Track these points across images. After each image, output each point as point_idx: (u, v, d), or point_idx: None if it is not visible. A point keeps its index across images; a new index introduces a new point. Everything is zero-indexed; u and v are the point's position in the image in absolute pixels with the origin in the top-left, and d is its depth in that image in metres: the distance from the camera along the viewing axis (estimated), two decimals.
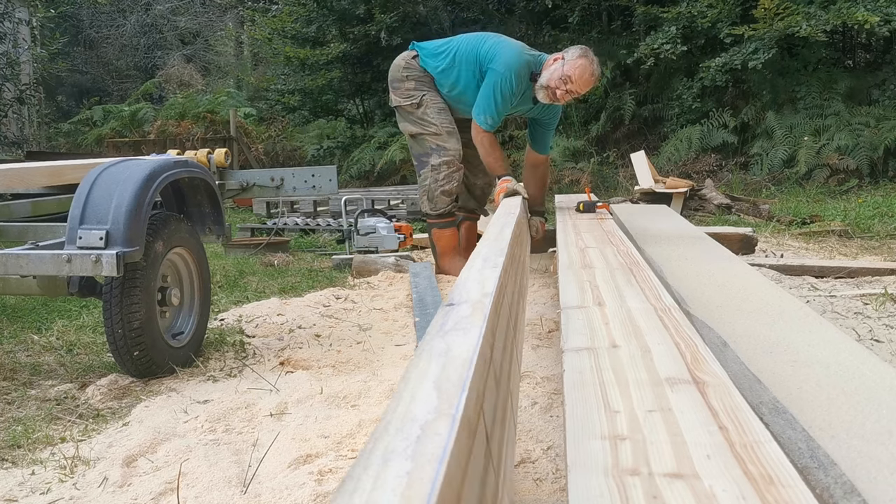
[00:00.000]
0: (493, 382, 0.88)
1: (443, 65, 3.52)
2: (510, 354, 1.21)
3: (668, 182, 6.80)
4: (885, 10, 8.26)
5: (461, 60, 3.48)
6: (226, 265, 4.74)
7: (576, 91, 3.27)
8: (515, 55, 3.35)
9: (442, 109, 3.55)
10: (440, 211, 3.56)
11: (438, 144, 3.50)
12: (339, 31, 11.77)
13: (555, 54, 3.37)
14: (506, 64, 3.32)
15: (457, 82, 3.51)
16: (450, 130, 3.51)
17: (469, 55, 3.46)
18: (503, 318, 1.17)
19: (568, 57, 3.28)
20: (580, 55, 3.25)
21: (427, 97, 3.55)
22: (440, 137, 3.49)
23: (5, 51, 12.25)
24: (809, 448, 0.93)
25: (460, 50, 3.49)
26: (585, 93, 3.45)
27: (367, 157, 11.32)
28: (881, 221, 5.89)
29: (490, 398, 0.79)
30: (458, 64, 3.48)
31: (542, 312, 3.14)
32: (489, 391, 0.80)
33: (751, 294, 1.79)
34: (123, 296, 2.28)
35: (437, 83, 3.59)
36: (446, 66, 3.51)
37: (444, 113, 3.54)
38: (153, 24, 19.83)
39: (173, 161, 2.52)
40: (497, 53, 3.38)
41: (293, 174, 3.32)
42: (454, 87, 3.54)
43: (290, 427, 1.88)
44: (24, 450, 1.84)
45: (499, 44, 3.44)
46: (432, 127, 3.51)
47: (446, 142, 3.48)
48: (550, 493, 1.51)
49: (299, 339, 2.89)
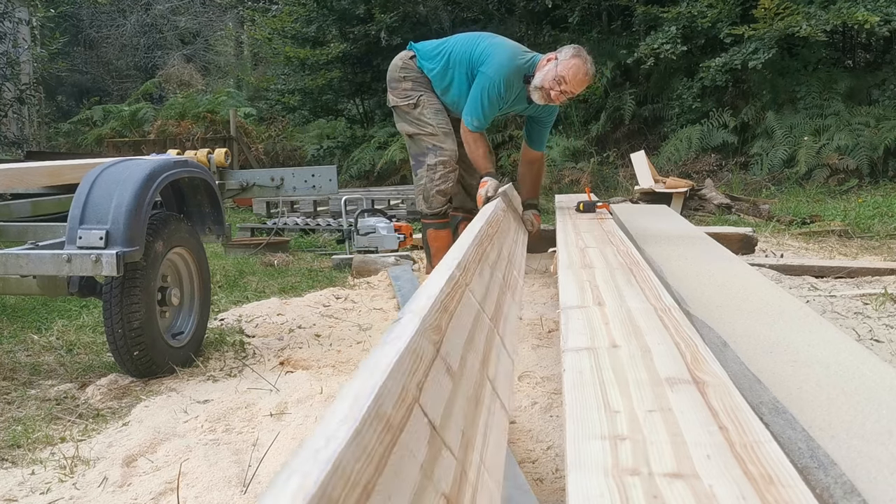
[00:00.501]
0: (444, 373, 0.92)
1: (437, 67, 3.54)
2: (484, 341, 1.24)
3: (668, 182, 6.80)
4: (885, 10, 8.26)
5: (455, 63, 3.49)
6: (226, 265, 4.74)
7: (570, 91, 3.27)
8: (507, 59, 3.35)
9: (438, 110, 3.56)
10: (435, 210, 3.58)
11: (434, 144, 3.50)
12: (339, 31, 11.77)
13: (548, 54, 3.37)
14: (496, 68, 3.33)
15: (450, 86, 3.54)
16: (446, 131, 3.52)
17: (462, 57, 3.47)
18: (463, 315, 1.20)
19: (561, 57, 3.27)
20: (573, 55, 3.25)
21: (424, 98, 3.56)
22: (436, 138, 3.50)
23: (5, 51, 12.25)
24: (809, 448, 0.93)
25: (454, 52, 3.50)
26: (580, 92, 3.45)
27: (367, 157, 11.32)
28: (881, 221, 5.89)
29: (433, 391, 0.84)
30: (451, 66, 3.50)
31: (542, 312, 3.14)
32: (431, 384, 0.84)
33: (751, 294, 1.79)
34: (123, 296, 2.28)
35: (433, 86, 3.61)
36: (441, 68, 3.53)
37: (441, 114, 3.56)
38: (153, 24, 19.83)
39: (173, 161, 2.51)
40: (489, 56, 3.38)
41: (293, 174, 3.32)
42: (448, 91, 3.56)
43: (290, 427, 1.88)
44: (24, 450, 1.84)
45: (492, 45, 3.44)
46: (428, 127, 3.52)
47: (442, 142, 3.49)
48: (550, 493, 1.51)
49: (299, 339, 2.89)
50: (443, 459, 0.78)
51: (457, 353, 1.04)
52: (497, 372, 1.26)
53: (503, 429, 1.10)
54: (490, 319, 1.43)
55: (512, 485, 1.27)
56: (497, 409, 1.11)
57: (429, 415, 0.79)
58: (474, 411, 1.00)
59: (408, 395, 0.76)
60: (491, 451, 0.96)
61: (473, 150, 3.48)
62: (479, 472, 0.88)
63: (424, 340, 0.91)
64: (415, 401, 0.77)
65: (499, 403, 1.14)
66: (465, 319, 1.20)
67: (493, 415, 1.07)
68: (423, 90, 3.58)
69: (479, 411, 1.02)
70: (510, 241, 2.64)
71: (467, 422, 0.94)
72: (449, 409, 0.88)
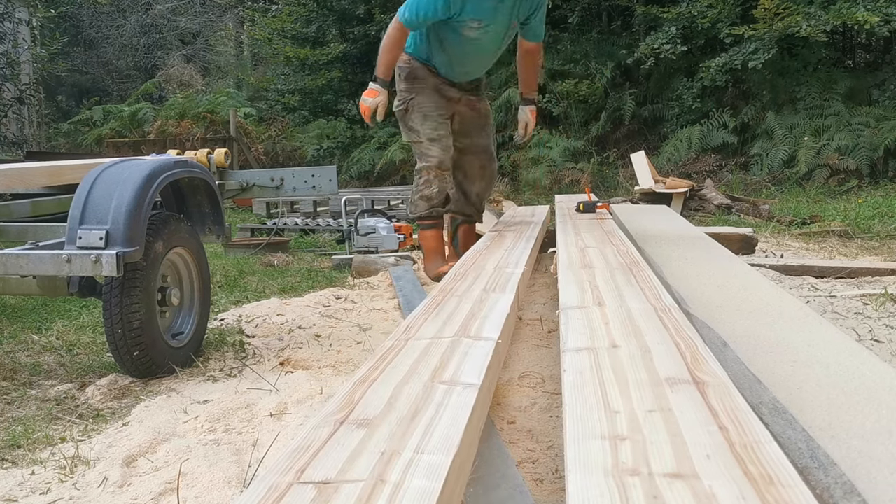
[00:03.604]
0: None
1: (418, 35, 3.40)
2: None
3: (668, 182, 6.80)
4: (885, 10, 8.26)
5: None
6: (226, 265, 4.74)
7: None
8: None
9: (427, 115, 3.43)
10: (418, 214, 3.56)
11: (422, 151, 3.47)
12: (339, 31, 11.78)
13: None
14: None
15: (429, 33, 3.35)
16: (432, 138, 3.43)
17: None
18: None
19: None
20: None
21: (415, 100, 3.45)
22: (422, 145, 3.46)
23: (5, 51, 12.25)
24: (809, 448, 0.93)
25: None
26: None
27: (367, 157, 11.32)
28: (881, 221, 5.89)
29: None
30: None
31: (542, 312, 3.14)
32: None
33: (751, 294, 1.79)
34: (123, 296, 2.28)
35: (427, 57, 3.47)
36: (420, 32, 3.37)
37: (429, 119, 3.44)
38: (153, 24, 19.82)
39: (173, 161, 2.51)
40: None
41: (293, 174, 3.32)
42: (431, 42, 3.38)
43: (290, 427, 1.88)
44: (24, 450, 1.84)
45: None
46: (414, 134, 3.48)
47: (428, 149, 3.44)
48: (551, 494, 1.51)
49: (299, 340, 2.89)
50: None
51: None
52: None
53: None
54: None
55: (509, 485, 1.27)
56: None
57: None
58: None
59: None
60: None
61: (385, 50, 3.27)
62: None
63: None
64: None
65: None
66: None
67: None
68: (416, 90, 3.45)
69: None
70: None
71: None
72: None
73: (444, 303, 1.91)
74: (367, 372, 1.34)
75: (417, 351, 1.47)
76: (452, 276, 2.33)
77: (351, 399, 1.19)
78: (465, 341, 1.53)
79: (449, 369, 1.34)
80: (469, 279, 2.24)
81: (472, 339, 1.55)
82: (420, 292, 3.41)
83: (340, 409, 1.15)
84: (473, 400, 1.17)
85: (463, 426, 1.05)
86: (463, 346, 1.49)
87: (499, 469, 1.22)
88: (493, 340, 1.52)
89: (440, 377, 1.29)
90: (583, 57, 10.68)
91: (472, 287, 2.11)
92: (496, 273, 2.33)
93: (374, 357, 1.45)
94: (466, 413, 1.11)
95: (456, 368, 1.34)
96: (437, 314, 1.79)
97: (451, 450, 0.97)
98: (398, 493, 0.85)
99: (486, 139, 3.70)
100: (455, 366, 1.36)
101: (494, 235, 3.35)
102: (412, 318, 1.77)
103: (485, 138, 3.68)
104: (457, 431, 1.03)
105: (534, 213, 4.43)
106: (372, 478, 0.89)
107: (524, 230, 3.51)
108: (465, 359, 1.40)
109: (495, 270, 2.38)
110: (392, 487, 0.86)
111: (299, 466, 0.94)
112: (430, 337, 1.58)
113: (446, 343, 1.52)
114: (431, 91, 3.47)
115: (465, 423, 1.07)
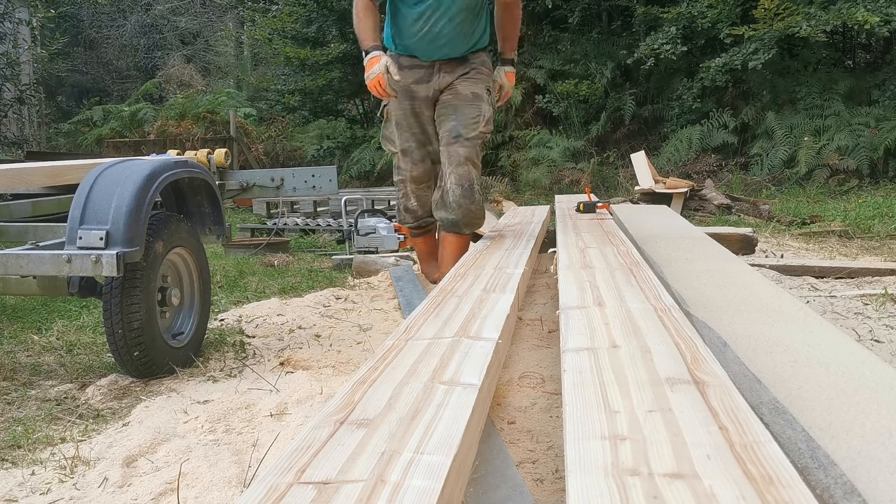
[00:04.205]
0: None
1: (388, 23, 3.32)
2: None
3: (669, 182, 6.80)
4: (885, 10, 8.26)
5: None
6: (226, 265, 4.74)
7: None
8: None
9: (398, 124, 3.29)
10: (407, 225, 3.55)
11: (396, 163, 3.41)
12: (339, 31, 11.77)
13: None
14: None
15: (394, 16, 3.23)
16: (404, 149, 3.30)
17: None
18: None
19: None
20: None
21: (389, 107, 3.36)
22: (396, 157, 3.41)
23: (5, 51, 12.25)
24: (809, 448, 0.93)
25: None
26: None
27: (367, 158, 11.32)
28: (881, 222, 5.89)
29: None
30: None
31: (542, 313, 3.14)
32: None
33: (751, 294, 1.79)
34: (123, 296, 2.28)
35: (400, 39, 3.28)
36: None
37: (400, 129, 3.29)
38: (153, 25, 19.82)
39: (173, 161, 2.51)
40: None
41: (293, 174, 3.32)
42: (398, 24, 3.24)
43: (290, 427, 1.88)
44: (24, 450, 1.84)
45: None
46: (390, 144, 3.43)
47: (400, 161, 3.38)
48: (551, 494, 1.51)
49: (299, 340, 2.89)
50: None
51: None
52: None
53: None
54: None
55: (509, 485, 1.27)
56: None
57: None
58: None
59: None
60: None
61: (359, 20, 3.16)
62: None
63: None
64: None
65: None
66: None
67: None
68: (392, 94, 3.18)
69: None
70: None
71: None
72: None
73: (444, 303, 1.91)
74: (367, 372, 1.34)
75: (417, 351, 1.47)
76: (452, 276, 2.34)
77: (351, 399, 1.19)
78: (465, 341, 1.53)
79: (449, 369, 1.34)
80: (469, 279, 2.24)
81: (472, 339, 1.55)
82: (420, 292, 3.41)
83: (340, 409, 1.15)
84: (473, 400, 1.17)
85: (463, 426, 1.05)
86: (463, 346, 1.50)
87: (499, 469, 1.22)
88: (494, 341, 1.53)
89: (440, 377, 1.30)
90: (583, 57, 10.69)
91: (472, 287, 2.11)
92: (496, 273, 2.34)
93: (374, 357, 1.45)
94: (466, 413, 1.11)
95: (456, 369, 1.34)
96: (437, 314, 1.79)
97: (451, 450, 0.97)
98: (398, 493, 0.85)
99: (454, 121, 3.20)
100: (455, 366, 1.36)
101: (494, 236, 3.35)
102: (412, 318, 1.77)
103: (452, 120, 3.21)
104: (457, 432, 1.03)
105: (534, 213, 4.44)
106: (372, 478, 0.89)
107: (524, 230, 3.51)
108: (466, 359, 1.40)
109: (495, 270, 2.39)
110: (392, 487, 0.86)
111: (299, 466, 0.94)
112: (430, 337, 1.58)
113: (446, 343, 1.52)
114: (402, 96, 3.27)
115: (465, 423, 1.07)
